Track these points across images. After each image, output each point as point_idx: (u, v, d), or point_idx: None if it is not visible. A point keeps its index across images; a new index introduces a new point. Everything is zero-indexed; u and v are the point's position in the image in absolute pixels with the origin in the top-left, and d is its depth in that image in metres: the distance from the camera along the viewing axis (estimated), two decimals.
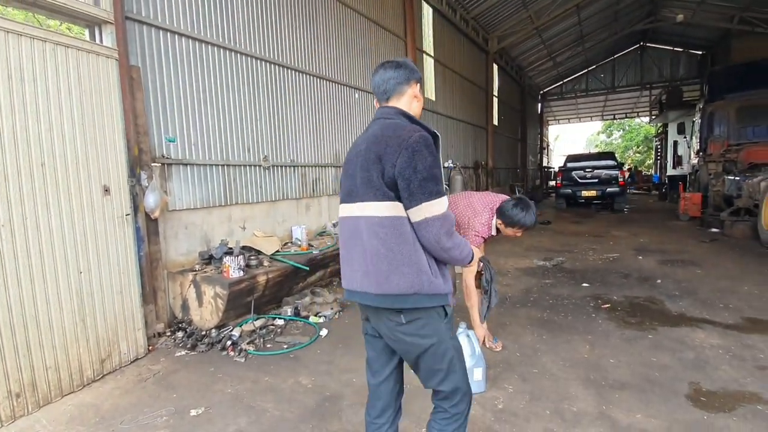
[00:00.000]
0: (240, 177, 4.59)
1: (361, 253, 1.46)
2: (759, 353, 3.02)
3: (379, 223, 1.41)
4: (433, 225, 1.38)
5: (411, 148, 1.37)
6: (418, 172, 1.36)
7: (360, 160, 1.47)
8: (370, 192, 1.42)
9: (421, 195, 1.37)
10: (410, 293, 1.40)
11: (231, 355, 3.23)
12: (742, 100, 9.72)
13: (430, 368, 1.50)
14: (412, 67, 1.61)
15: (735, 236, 7.43)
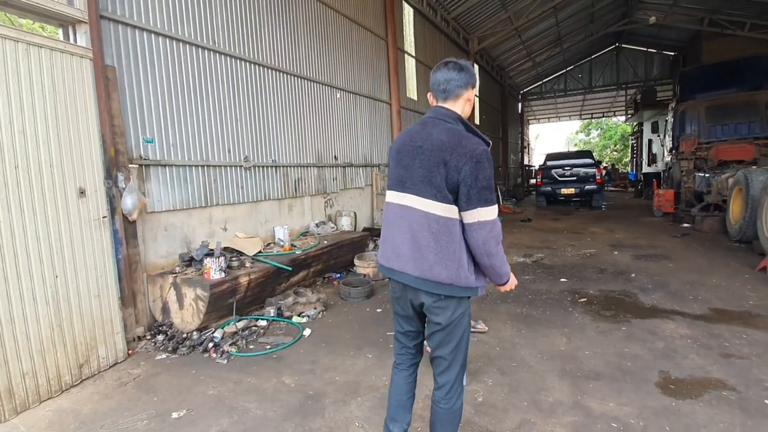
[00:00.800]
0: (221, 178, 4.56)
1: (409, 239, 1.66)
2: (724, 342, 3.17)
3: (435, 220, 1.61)
4: (483, 228, 1.57)
5: (476, 159, 1.55)
6: (478, 180, 1.55)
7: (422, 158, 1.63)
8: (430, 190, 1.61)
9: (477, 201, 1.55)
10: (447, 283, 1.62)
11: (213, 357, 3.21)
12: (711, 99, 10.11)
13: (446, 338, 1.72)
14: (472, 72, 1.75)
15: (705, 231, 7.74)
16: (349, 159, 7.17)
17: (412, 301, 1.76)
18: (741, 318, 3.62)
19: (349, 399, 2.60)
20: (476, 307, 4.19)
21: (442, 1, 11.25)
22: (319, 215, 6.34)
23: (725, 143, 9.44)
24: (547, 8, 13.04)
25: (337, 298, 4.65)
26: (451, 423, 1.78)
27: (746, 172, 6.59)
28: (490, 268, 1.64)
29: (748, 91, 9.89)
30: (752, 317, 3.62)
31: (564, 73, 23.86)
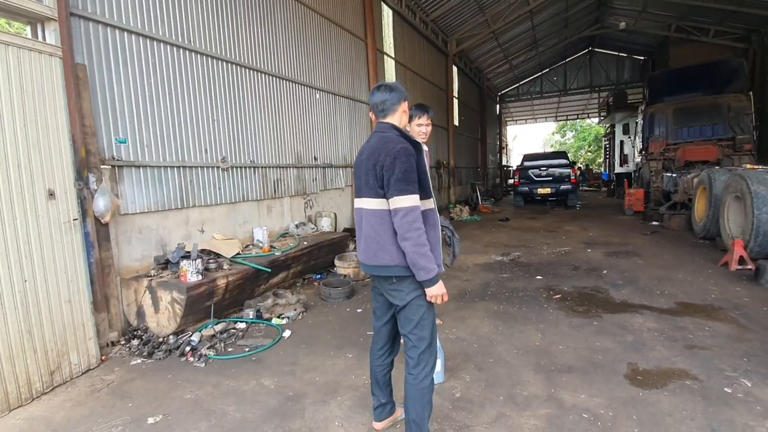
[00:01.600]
0: (197, 179, 4.49)
1: (363, 235, 1.99)
2: (689, 334, 3.33)
3: (372, 213, 1.92)
4: (398, 213, 1.82)
5: (393, 155, 1.83)
6: (394, 173, 1.82)
7: (364, 167, 1.95)
8: (369, 191, 1.92)
9: (395, 190, 1.82)
10: (392, 265, 1.89)
11: (190, 361, 3.17)
12: (678, 102, 10.55)
13: (406, 317, 1.97)
14: (401, 89, 2.06)
15: (672, 228, 8.07)
16: (329, 160, 7.16)
17: (378, 289, 2.07)
18: (704, 311, 3.80)
19: (329, 399, 2.61)
20: (454, 305, 4.26)
21: (421, 4, 11.35)
22: (299, 216, 6.31)
23: (691, 144, 9.87)
24: (523, 12, 13.34)
25: (318, 299, 4.65)
26: (419, 399, 1.94)
27: (710, 172, 6.92)
28: (408, 253, 1.82)
29: (712, 94, 10.37)
30: (714, 310, 3.81)
31: (540, 76, 24.42)
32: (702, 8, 13.73)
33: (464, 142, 17.04)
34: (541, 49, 19.48)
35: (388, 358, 2.21)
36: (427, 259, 1.81)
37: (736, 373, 2.68)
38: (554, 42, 19.11)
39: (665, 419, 2.26)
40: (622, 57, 22.28)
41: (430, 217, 1.94)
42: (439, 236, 2.00)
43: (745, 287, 4.41)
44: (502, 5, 13.10)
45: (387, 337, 2.19)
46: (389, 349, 2.21)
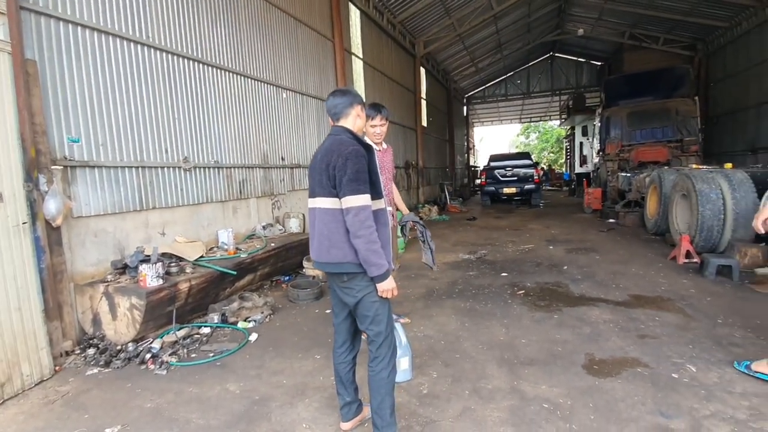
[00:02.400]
0: (158, 179, 4.33)
1: (316, 233, 2.03)
2: (640, 324, 3.54)
3: (325, 212, 1.98)
4: (350, 213, 1.89)
5: (345, 157, 1.90)
6: (346, 174, 1.88)
7: (317, 168, 2.01)
8: (322, 190, 1.98)
9: (347, 190, 1.88)
10: (344, 262, 1.95)
11: (151, 369, 3.06)
12: (632, 106, 11.15)
13: (361, 314, 2.04)
14: (354, 94, 2.13)
15: (627, 225, 8.53)
16: (297, 160, 7.08)
17: (332, 286, 2.12)
18: (654, 302, 4.05)
19: (296, 401, 2.60)
20: (422, 304, 4.33)
21: (389, 5, 11.42)
22: (266, 217, 6.20)
23: (643, 146, 10.46)
24: (487, 16, 13.68)
25: (286, 301, 4.60)
26: (378, 390, 2.02)
27: (660, 172, 7.36)
28: (360, 251, 1.89)
29: (662, 99, 11.04)
30: (663, 301, 4.07)
31: (505, 79, 25.10)
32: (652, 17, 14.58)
33: (433, 143, 17.28)
34: (505, 53, 20.04)
35: (350, 355, 2.25)
36: (378, 256, 1.89)
37: (683, 360, 2.87)
38: (518, 46, 19.71)
39: (619, 405, 2.39)
40: (580, 62, 23.29)
41: (381, 217, 2.01)
42: (389, 235, 2.06)
43: (691, 279, 4.73)
44: (468, 9, 13.38)
45: (346, 334, 2.23)
46: (350, 346, 2.25)
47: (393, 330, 2.11)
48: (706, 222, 5.30)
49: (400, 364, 2.72)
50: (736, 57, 13.27)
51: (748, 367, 2.64)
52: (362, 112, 2.14)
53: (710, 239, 5.36)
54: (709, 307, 3.86)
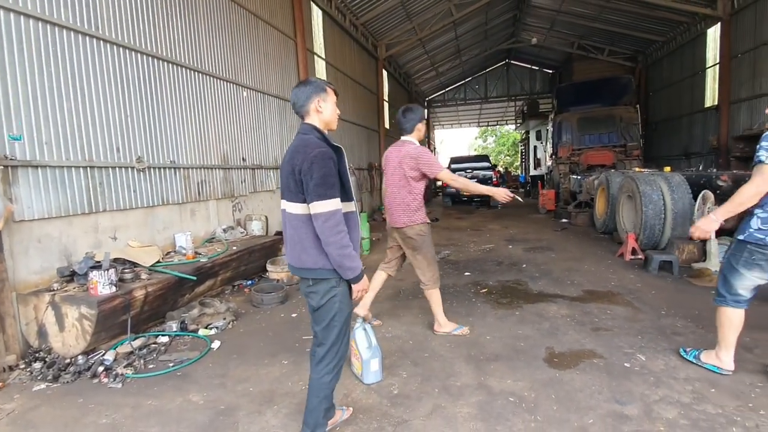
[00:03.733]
0: (109, 180, 4.06)
1: (288, 237, 2.01)
2: (594, 318, 3.75)
3: (294, 217, 1.94)
4: (318, 219, 1.84)
5: (311, 160, 1.82)
6: (313, 179, 1.81)
7: (285, 170, 1.95)
8: (290, 194, 1.93)
9: (314, 195, 1.82)
10: (315, 268, 1.93)
11: (104, 382, 2.86)
12: (581, 112, 11.84)
13: (319, 317, 2.02)
14: (316, 83, 2.01)
15: (579, 224, 9.03)
16: (259, 161, 6.90)
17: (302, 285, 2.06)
18: (606, 297, 4.31)
19: (264, 409, 2.53)
20: (390, 305, 4.35)
21: (351, 6, 11.41)
22: (227, 220, 6.00)
23: (592, 150, 11.14)
24: (447, 22, 14.02)
25: (249, 306, 4.46)
26: (317, 393, 2.03)
27: (607, 174, 7.86)
28: (331, 257, 1.88)
29: (608, 106, 11.81)
30: (614, 295, 4.34)
31: (464, 84, 25.83)
32: (599, 30, 15.56)
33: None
34: (464, 59, 20.62)
35: None
36: (351, 260, 1.88)
37: (633, 350, 3.08)
38: (476, 52, 20.35)
39: (578, 395, 2.53)
40: (534, 70, 24.43)
41: (351, 220, 1.97)
42: (358, 238, 2.03)
43: (637, 274, 5.08)
44: (428, 14, 13.65)
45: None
46: None
47: (345, 339, 2.07)
48: (649, 221, 5.72)
49: (370, 365, 2.73)
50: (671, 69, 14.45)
51: (696, 357, 2.78)
52: (328, 97, 2.00)
53: (653, 237, 5.79)
54: (653, 299, 4.17)
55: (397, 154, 3.42)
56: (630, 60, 16.84)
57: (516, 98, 25.45)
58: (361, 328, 2.79)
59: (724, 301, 2.61)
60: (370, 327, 2.84)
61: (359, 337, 2.78)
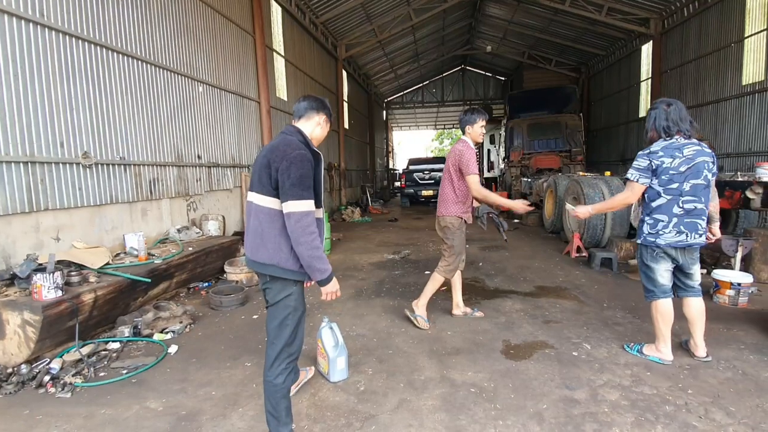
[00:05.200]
0: (51, 177, 3.78)
1: (250, 229, 2.00)
2: (545, 311, 4.02)
3: (261, 210, 1.94)
4: (291, 218, 1.86)
5: (289, 160, 1.86)
6: (290, 178, 1.85)
7: (260, 162, 1.96)
8: (261, 188, 1.93)
9: (289, 195, 1.85)
10: (269, 264, 1.94)
11: (51, 392, 2.67)
12: (531, 119, 12.50)
13: (273, 314, 2.04)
14: (327, 105, 2.15)
15: (529, 225, 9.55)
16: (215, 159, 6.67)
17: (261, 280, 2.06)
18: (555, 292, 4.62)
19: (229, 412, 2.48)
20: (353, 303, 4.39)
21: (311, 5, 11.29)
22: (181, 220, 5.75)
23: (541, 154, 11.79)
24: (406, 26, 14.25)
25: (207, 309, 4.32)
26: (273, 395, 2.02)
27: (555, 178, 8.38)
28: (301, 257, 1.89)
29: (555, 113, 12.57)
30: (562, 290, 4.66)
31: (421, 87, 26.32)
32: (547, 41, 16.50)
33: (354, 146, 17.44)
34: (422, 62, 21.03)
35: None
36: (321, 261, 1.90)
37: (580, 340, 3.34)
38: (433, 57, 20.82)
39: (533, 383, 2.71)
40: (488, 76, 25.41)
41: (318, 226, 1.97)
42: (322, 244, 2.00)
43: (582, 270, 5.48)
44: (388, 17, 13.80)
45: None
46: None
47: (298, 340, 2.07)
48: (592, 221, 6.19)
49: (336, 363, 2.76)
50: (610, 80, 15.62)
51: (639, 351, 3.03)
52: (326, 124, 2.15)
53: (595, 236, 6.26)
54: (596, 293, 4.52)
55: (452, 151, 3.64)
56: (574, 71, 18.01)
57: (471, 103, 26.31)
58: (327, 327, 2.81)
59: (653, 295, 2.92)
60: (336, 326, 2.87)
61: (325, 336, 2.80)
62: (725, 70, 9.57)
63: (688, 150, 2.72)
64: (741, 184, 4.49)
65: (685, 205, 2.74)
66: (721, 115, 9.77)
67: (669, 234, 2.78)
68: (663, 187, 2.76)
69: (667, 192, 2.75)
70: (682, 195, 2.73)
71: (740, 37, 9.07)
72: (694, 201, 2.73)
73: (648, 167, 2.78)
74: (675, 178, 2.72)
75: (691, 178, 2.72)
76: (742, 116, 9.12)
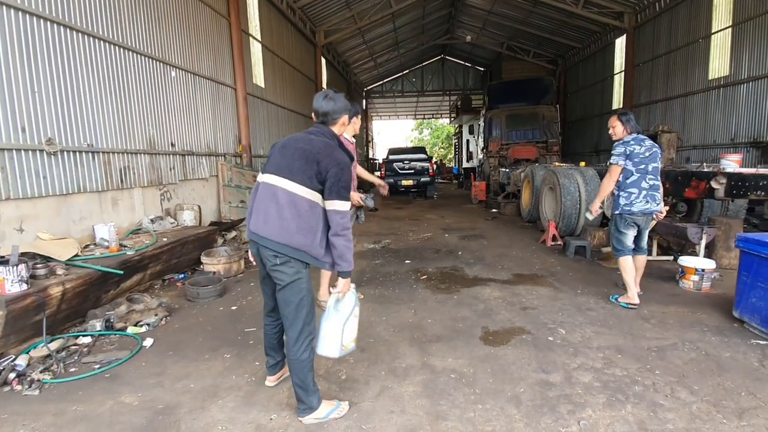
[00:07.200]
0: (12, 164, 3.58)
1: (276, 212, 2.08)
2: (522, 298, 4.11)
3: (300, 199, 2.08)
4: (337, 215, 2.10)
5: (341, 166, 2.10)
6: (339, 182, 2.09)
7: (301, 154, 2.11)
8: (303, 179, 2.08)
9: (336, 195, 2.10)
10: (302, 250, 2.10)
11: (17, 390, 2.56)
12: (509, 109, 12.64)
13: (286, 299, 2.16)
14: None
15: (507, 214, 9.71)
16: (190, 147, 6.47)
17: (264, 262, 2.18)
18: (531, 279, 4.73)
19: (208, 404, 2.44)
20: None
21: None
22: (154, 209, 5.57)
23: (518, 145, 11.97)
24: (386, 13, 14.09)
25: (184, 301, 4.22)
26: (300, 370, 2.18)
27: (532, 168, 8.53)
28: (336, 246, 2.11)
29: (532, 104, 12.74)
30: (538, 278, 4.78)
31: (401, 76, 26.22)
32: (525, 33, 16.64)
33: None
34: (402, 51, 20.90)
35: (277, 321, 2.41)
36: (351, 254, 2.16)
37: (555, 325, 3.44)
38: (413, 46, 20.72)
39: (511, 368, 2.78)
40: (467, 66, 25.50)
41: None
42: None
43: (557, 258, 5.63)
44: (368, 4, 13.60)
45: (274, 302, 2.34)
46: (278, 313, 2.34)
47: (313, 317, 2.22)
48: (567, 210, 6.35)
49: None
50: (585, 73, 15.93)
51: (617, 300, 3.86)
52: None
53: (570, 225, 6.43)
54: (571, 280, 4.66)
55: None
56: (552, 63, 18.27)
57: (450, 93, 26.40)
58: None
59: (622, 252, 3.83)
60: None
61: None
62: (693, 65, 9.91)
63: (647, 142, 3.74)
64: (706, 174, 4.67)
65: (650, 182, 3.70)
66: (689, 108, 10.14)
67: (640, 203, 3.69)
68: (635, 168, 3.68)
69: (638, 171, 3.69)
70: (647, 173, 3.69)
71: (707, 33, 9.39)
72: (653, 179, 3.72)
73: (623, 153, 3.71)
74: (642, 161, 3.68)
75: (651, 162, 3.70)
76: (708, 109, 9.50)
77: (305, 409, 2.22)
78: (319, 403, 2.24)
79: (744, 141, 8.44)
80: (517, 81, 14.24)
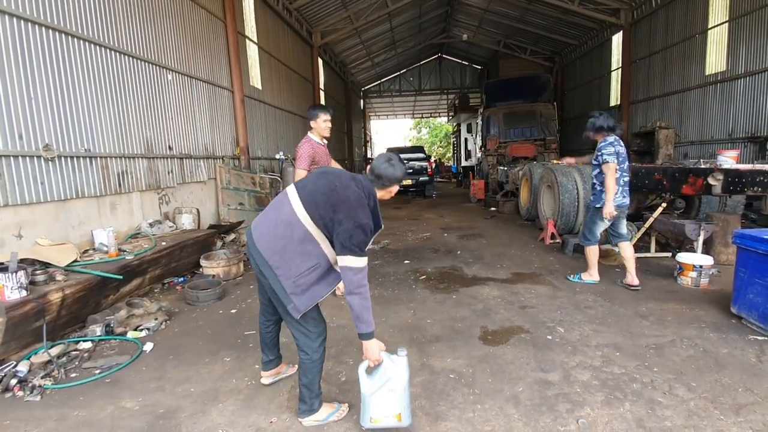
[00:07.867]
0: (10, 171, 3.58)
1: (273, 223, 2.08)
2: (521, 297, 4.12)
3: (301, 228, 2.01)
4: (350, 272, 1.95)
5: (356, 224, 1.93)
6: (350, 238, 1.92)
7: (329, 191, 2.00)
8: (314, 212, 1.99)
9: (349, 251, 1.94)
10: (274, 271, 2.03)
11: (19, 396, 2.57)
12: (507, 107, 12.64)
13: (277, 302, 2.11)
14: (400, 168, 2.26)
15: (506, 212, 9.72)
16: (187, 150, 6.47)
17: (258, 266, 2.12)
18: (530, 278, 4.74)
19: (208, 408, 2.46)
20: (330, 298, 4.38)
21: None
22: (153, 213, 5.57)
23: (516, 143, 11.98)
24: (383, 13, 14.08)
25: (183, 305, 4.23)
26: (309, 371, 2.17)
27: (530, 166, 8.54)
28: (352, 307, 1.98)
29: (530, 102, 12.74)
30: (537, 276, 4.79)
31: (399, 75, 26.20)
32: (522, 30, 16.63)
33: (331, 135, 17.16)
34: (399, 50, 20.88)
35: (273, 318, 2.44)
36: (369, 314, 1.98)
37: (554, 324, 3.45)
38: (410, 45, 20.70)
39: (509, 367, 2.79)
40: (465, 65, 25.48)
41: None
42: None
43: (556, 256, 5.64)
44: (364, 4, 13.59)
45: (272, 308, 2.35)
46: (273, 311, 2.36)
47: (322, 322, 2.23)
48: (565, 208, 6.35)
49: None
50: (582, 70, 15.92)
51: (580, 277, 4.41)
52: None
53: (568, 223, 6.44)
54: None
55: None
56: (549, 60, 18.26)
57: (448, 92, 26.38)
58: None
59: (591, 242, 4.32)
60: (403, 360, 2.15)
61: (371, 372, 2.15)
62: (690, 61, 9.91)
63: (621, 142, 4.09)
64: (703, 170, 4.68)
65: (625, 178, 4.10)
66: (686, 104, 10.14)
67: (619, 197, 4.05)
68: (619, 166, 4.01)
69: (620, 169, 4.03)
70: (624, 171, 4.09)
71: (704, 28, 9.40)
72: (626, 176, 4.12)
73: (614, 152, 3.98)
74: (624, 160, 4.06)
75: (625, 161, 4.10)
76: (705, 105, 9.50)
77: (306, 410, 2.22)
78: (319, 405, 2.25)
79: (741, 136, 8.46)
80: (515, 79, 14.24)
